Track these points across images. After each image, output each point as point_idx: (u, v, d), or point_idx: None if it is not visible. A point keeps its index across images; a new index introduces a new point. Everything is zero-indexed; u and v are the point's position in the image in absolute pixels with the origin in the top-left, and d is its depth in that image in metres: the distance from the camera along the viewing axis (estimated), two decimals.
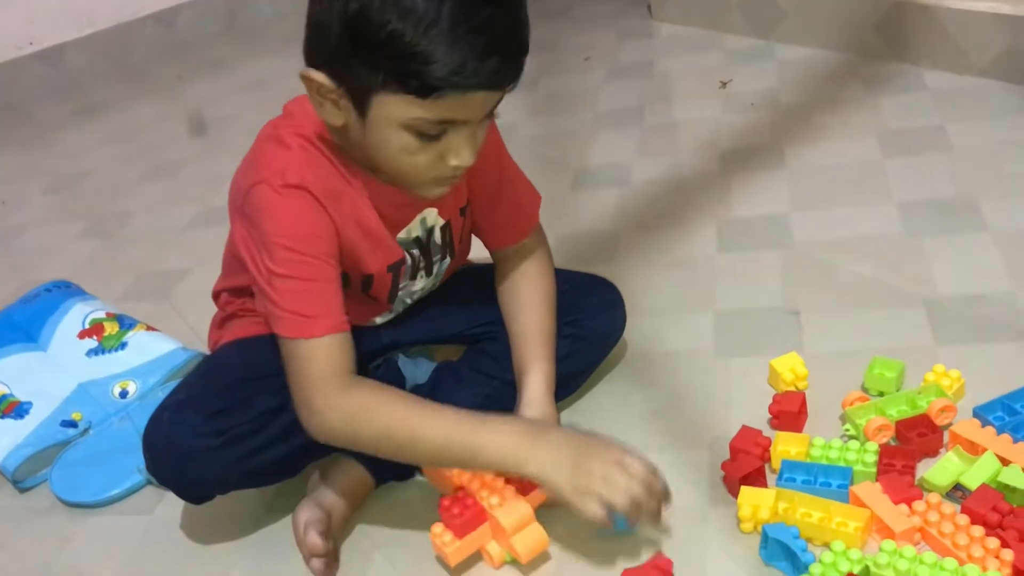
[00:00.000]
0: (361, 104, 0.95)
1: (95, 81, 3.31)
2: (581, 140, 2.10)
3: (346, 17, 0.89)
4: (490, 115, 0.99)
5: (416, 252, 1.16)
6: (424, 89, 0.90)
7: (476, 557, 1.08)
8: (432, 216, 1.16)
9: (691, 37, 2.53)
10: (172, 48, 3.48)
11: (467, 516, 1.04)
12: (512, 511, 1.04)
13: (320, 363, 1.01)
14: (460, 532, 1.04)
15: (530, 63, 0.94)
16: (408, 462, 1.03)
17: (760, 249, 1.55)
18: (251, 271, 1.04)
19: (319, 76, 0.95)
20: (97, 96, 3.17)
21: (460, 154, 0.98)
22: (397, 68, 0.90)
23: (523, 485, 1.04)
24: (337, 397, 1.01)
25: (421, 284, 1.22)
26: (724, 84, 2.19)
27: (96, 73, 3.35)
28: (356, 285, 1.14)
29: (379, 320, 1.24)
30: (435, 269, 1.21)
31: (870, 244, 1.49)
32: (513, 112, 2.29)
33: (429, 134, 0.95)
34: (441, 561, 1.08)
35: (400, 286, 1.18)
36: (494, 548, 1.07)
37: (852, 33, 2.15)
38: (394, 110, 0.93)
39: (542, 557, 1.07)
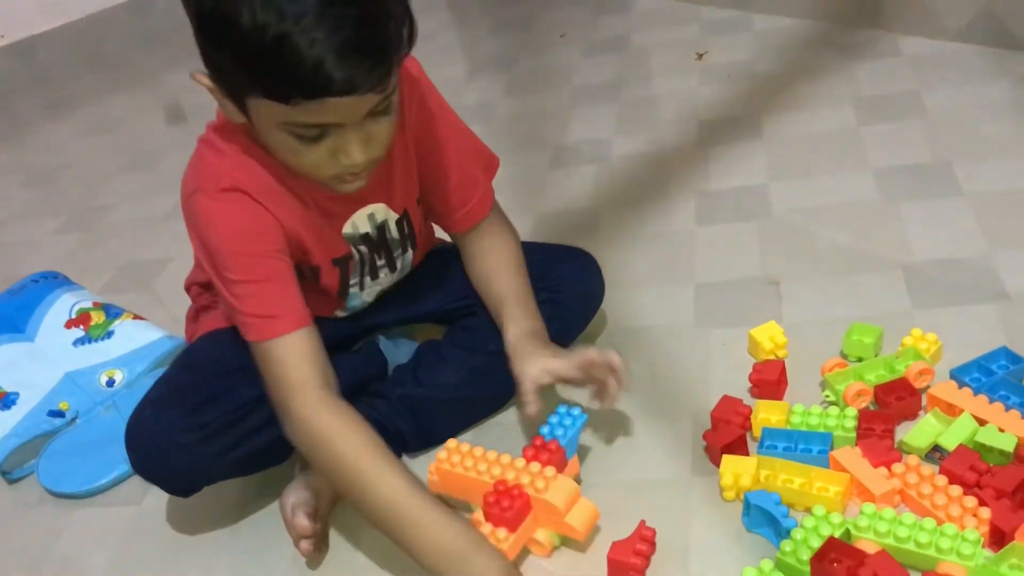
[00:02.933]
0: (241, 106, 0.92)
1: (69, 73, 3.29)
2: (559, 117, 2.09)
3: (200, 16, 0.86)
4: (384, 111, 0.94)
5: (365, 249, 1.14)
6: (282, 96, 0.86)
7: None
8: (382, 211, 1.13)
9: (667, 10, 2.52)
10: (147, 38, 3.46)
11: (517, 506, 0.99)
12: (560, 490, 1.01)
13: (292, 364, 1.00)
14: (513, 525, 1.00)
15: (506, 41, 0.93)
16: (349, 501, 1.02)
17: (739, 220, 1.55)
18: (212, 278, 1.04)
19: (204, 79, 0.93)
20: (72, 88, 3.15)
21: (349, 153, 0.93)
22: (254, 74, 0.86)
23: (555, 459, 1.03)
24: (312, 412, 0.99)
25: (388, 280, 1.21)
26: (700, 56, 2.19)
27: (70, 65, 3.33)
28: (307, 275, 1.13)
29: (340, 314, 1.22)
30: (398, 264, 1.20)
31: (847, 211, 1.50)
32: (490, 91, 2.30)
33: (307, 136, 0.92)
34: None
35: (351, 282, 1.16)
36: (542, 535, 1.03)
37: (827, 1, 2.15)
38: (266, 113, 0.90)
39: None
